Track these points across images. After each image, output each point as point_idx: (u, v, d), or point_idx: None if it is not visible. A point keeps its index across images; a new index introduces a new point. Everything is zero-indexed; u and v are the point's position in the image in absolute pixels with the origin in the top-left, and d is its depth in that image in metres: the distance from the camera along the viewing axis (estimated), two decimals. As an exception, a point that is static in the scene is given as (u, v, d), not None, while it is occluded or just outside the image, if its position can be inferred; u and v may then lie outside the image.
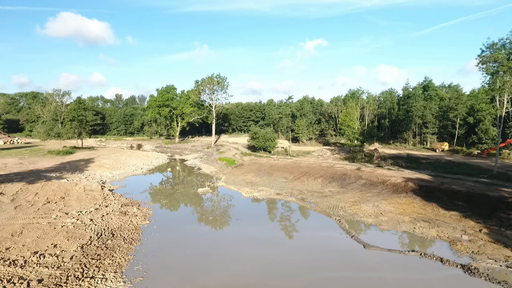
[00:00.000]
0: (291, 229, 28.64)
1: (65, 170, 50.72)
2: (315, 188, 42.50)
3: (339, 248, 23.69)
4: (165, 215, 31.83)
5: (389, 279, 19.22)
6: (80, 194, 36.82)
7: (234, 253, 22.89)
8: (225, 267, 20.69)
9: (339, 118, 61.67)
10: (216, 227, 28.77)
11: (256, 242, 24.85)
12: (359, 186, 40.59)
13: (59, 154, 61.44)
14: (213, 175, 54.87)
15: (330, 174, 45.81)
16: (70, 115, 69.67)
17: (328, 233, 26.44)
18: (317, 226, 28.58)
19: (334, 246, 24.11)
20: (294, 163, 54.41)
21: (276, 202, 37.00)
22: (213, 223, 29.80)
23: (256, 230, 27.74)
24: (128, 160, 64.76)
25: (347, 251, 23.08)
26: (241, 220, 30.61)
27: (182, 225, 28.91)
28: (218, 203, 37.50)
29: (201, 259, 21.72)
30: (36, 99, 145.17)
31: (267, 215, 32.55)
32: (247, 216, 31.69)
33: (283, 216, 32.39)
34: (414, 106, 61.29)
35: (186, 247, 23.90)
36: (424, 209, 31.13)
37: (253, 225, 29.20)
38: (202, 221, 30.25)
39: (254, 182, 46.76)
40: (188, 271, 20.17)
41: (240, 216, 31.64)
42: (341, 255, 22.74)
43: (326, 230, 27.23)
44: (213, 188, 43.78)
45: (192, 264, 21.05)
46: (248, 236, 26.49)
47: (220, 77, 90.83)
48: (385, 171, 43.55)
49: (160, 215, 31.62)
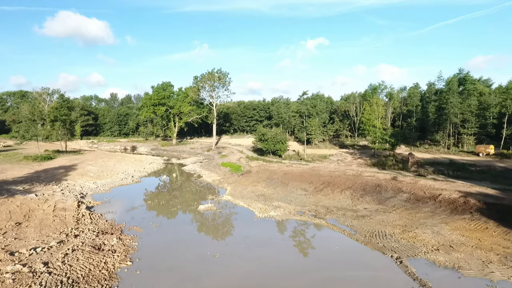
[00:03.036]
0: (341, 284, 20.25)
1: (38, 180, 42.23)
2: (344, 203, 34.22)
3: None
4: (155, 249, 23.32)
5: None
6: (46, 217, 28.39)
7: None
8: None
9: (361, 116, 53.49)
10: (223, 274, 20.34)
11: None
12: (402, 202, 32.29)
13: (36, 160, 52.92)
14: (216, 184, 46.50)
15: (360, 185, 37.52)
16: (52, 115, 61.13)
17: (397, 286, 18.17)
18: (374, 275, 20.19)
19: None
20: (312, 170, 46.09)
21: (301, 226, 28.67)
22: (220, 267, 21.36)
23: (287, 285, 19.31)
24: (118, 166, 56.29)
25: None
26: (261, 260, 22.16)
27: (177, 270, 20.45)
28: (225, 229, 29.11)
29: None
30: (25, 98, 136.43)
31: (293, 251, 24.08)
32: (267, 254, 23.06)
33: (319, 256, 23.61)
34: (450, 102, 52.86)
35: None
36: (509, 239, 22.86)
37: (279, 275, 20.83)
38: (205, 262, 21.65)
39: (267, 195, 38.45)
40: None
41: (256, 252, 23.16)
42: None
43: (391, 282, 18.91)
44: (218, 204, 35.43)
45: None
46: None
47: (221, 72, 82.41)
48: (431, 182, 35.28)
49: (148, 248, 23.20)
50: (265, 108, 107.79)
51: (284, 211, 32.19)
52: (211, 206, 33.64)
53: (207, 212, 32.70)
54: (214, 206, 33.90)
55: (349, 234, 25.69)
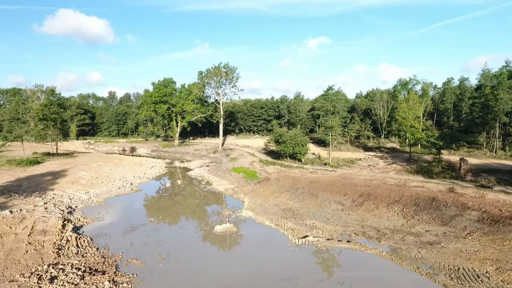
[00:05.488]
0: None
1: (18, 191, 35.34)
2: (396, 223, 27.43)
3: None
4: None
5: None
6: (17, 246, 21.53)
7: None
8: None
9: (396, 114, 46.69)
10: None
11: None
12: (474, 223, 25.47)
13: (21, 165, 45.95)
14: (230, 194, 39.68)
15: (410, 199, 30.71)
16: (40, 114, 54.15)
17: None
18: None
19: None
20: (343, 178, 39.28)
21: (355, 260, 21.83)
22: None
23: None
24: (114, 172, 49.34)
25: None
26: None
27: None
28: (254, 265, 22.10)
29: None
30: (18, 96, 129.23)
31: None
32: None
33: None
34: (501, 99, 45.80)
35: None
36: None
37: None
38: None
39: (295, 210, 31.65)
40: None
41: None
42: None
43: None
44: (237, 223, 28.60)
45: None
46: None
47: (228, 67, 75.36)
48: (502, 196, 28.48)
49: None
50: (274, 107, 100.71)
51: (323, 234, 25.39)
52: (230, 227, 26.80)
53: (225, 235, 25.89)
54: (233, 227, 27.07)
55: (427, 274, 18.88)
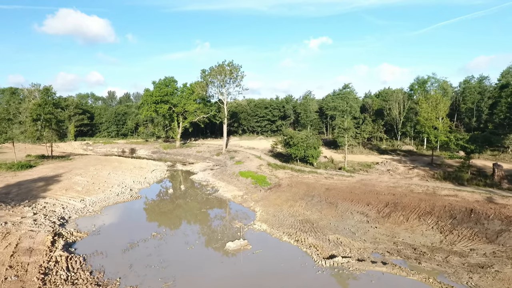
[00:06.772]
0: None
1: (6, 199, 31.97)
2: (433, 239, 24.06)
3: None
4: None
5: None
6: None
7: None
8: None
9: (420, 113, 43.39)
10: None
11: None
12: (526, 240, 22.11)
13: (12, 169, 42.55)
14: (239, 202, 36.33)
15: (443, 210, 27.35)
16: (34, 113, 50.77)
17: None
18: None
19: None
20: (363, 185, 35.92)
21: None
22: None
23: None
24: (113, 176, 45.96)
25: None
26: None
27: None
28: None
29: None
30: (15, 95, 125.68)
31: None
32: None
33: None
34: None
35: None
36: None
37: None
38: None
39: (315, 222, 28.28)
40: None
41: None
42: None
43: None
44: (251, 238, 25.23)
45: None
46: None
47: (233, 65, 72.00)
48: (552, 208, 25.13)
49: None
50: (279, 107, 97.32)
51: (352, 253, 22.05)
52: (244, 244, 23.44)
53: (239, 254, 22.54)
54: (248, 243, 23.71)
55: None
